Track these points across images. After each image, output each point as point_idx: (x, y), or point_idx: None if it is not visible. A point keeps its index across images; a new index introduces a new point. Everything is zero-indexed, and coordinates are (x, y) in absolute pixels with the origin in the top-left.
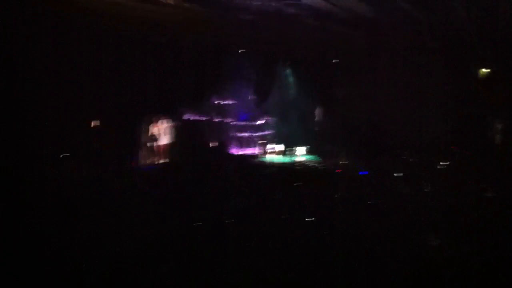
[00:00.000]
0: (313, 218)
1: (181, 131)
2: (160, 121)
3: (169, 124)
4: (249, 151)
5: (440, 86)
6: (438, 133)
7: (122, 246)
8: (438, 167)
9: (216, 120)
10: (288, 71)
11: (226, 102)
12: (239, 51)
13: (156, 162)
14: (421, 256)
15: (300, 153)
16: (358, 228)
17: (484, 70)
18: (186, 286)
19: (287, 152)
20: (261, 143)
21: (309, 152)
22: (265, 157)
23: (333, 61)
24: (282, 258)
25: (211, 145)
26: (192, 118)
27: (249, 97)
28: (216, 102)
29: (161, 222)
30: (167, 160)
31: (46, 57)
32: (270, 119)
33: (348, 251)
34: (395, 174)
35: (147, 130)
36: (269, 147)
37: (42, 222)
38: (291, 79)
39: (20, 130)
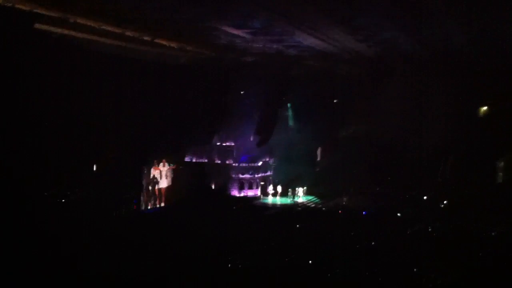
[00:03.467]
0: (315, 260)
1: (182, 173)
2: (161, 164)
3: (171, 167)
4: (250, 192)
5: (442, 124)
6: (439, 172)
7: None
8: (441, 205)
9: (218, 161)
10: (289, 112)
11: (227, 143)
12: (240, 92)
13: (157, 205)
14: None
15: (301, 194)
16: (360, 270)
17: (486, 108)
18: None
19: (288, 193)
20: (262, 184)
21: (310, 192)
22: (266, 199)
23: (334, 101)
24: None
25: (213, 187)
26: (194, 160)
27: (250, 138)
28: (217, 143)
29: (161, 267)
30: (168, 203)
31: (59, 105)
32: (271, 160)
33: None
34: (398, 214)
35: (149, 173)
36: (270, 188)
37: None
38: (291, 120)
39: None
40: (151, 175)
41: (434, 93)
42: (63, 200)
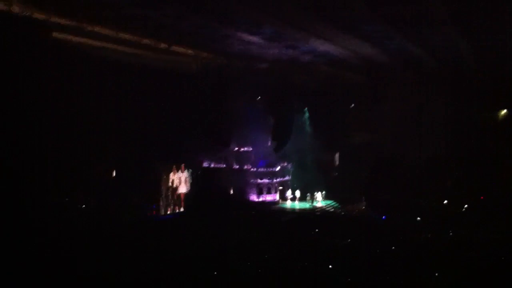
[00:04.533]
0: (335, 265)
1: (200, 179)
2: (180, 169)
3: (189, 172)
4: (269, 197)
5: (457, 130)
6: (458, 177)
7: None
8: (463, 210)
9: (236, 166)
10: (306, 117)
11: (245, 148)
12: (257, 98)
13: (176, 210)
14: None
15: (320, 199)
16: (379, 274)
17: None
18: None
19: (307, 198)
20: (280, 189)
21: (328, 197)
22: (285, 204)
23: (351, 105)
24: None
25: (231, 192)
26: (212, 165)
27: (268, 143)
28: (235, 148)
29: (180, 272)
30: (187, 208)
31: (77, 112)
32: (289, 164)
33: None
34: (418, 219)
35: (168, 178)
36: (288, 193)
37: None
38: (309, 125)
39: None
40: (170, 181)
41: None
42: (83, 206)
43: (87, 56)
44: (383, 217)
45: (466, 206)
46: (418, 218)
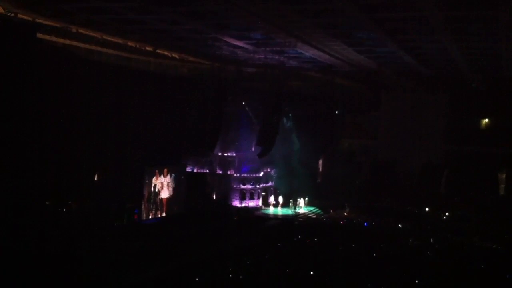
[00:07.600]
0: (318, 272)
1: (184, 183)
2: (162, 174)
3: (172, 176)
4: (252, 203)
5: (443, 138)
6: (440, 185)
7: None
8: (444, 218)
9: (219, 171)
10: (291, 123)
11: (229, 153)
12: (242, 103)
13: (158, 215)
14: None
15: (303, 205)
16: (361, 280)
17: (485, 120)
18: None
19: (290, 204)
20: (263, 194)
21: (311, 203)
22: (268, 209)
23: (336, 112)
24: None
25: (214, 197)
26: (195, 170)
27: (252, 149)
28: (219, 153)
29: (161, 277)
30: (169, 213)
31: (61, 114)
32: (272, 170)
33: None
34: (400, 225)
35: (151, 183)
36: (271, 198)
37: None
38: (293, 131)
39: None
40: (153, 185)
41: (433, 107)
42: (64, 210)
43: (72, 58)
44: (365, 223)
45: (447, 214)
46: (400, 225)
